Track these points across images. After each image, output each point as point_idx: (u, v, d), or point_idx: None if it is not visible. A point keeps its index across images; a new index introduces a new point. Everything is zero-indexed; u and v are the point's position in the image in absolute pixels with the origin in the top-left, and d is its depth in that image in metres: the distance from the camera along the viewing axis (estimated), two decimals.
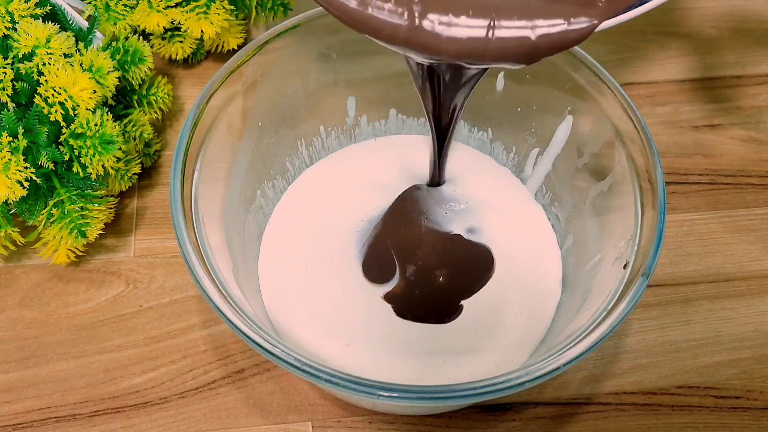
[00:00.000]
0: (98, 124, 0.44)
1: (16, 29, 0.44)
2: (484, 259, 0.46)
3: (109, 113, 0.45)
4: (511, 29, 0.30)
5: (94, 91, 0.43)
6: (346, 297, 0.45)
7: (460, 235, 0.47)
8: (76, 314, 0.47)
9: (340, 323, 0.43)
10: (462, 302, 0.44)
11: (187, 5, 0.54)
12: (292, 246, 0.47)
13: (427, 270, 0.45)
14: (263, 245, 0.47)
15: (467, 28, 0.30)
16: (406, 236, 0.47)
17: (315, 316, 0.44)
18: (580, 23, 0.29)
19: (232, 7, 0.55)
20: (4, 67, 0.43)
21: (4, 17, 0.44)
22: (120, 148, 0.45)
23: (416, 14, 0.30)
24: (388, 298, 0.44)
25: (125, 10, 0.53)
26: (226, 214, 0.43)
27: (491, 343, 0.43)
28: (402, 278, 0.45)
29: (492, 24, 0.30)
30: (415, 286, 0.45)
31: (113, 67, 0.46)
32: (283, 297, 0.44)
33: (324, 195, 0.49)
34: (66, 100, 0.42)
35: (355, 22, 0.31)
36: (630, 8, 0.29)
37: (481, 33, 0.30)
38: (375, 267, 0.45)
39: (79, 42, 0.48)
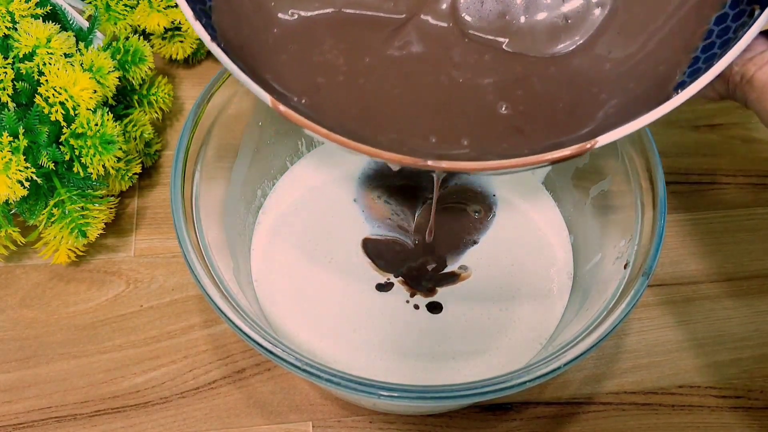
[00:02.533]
0: (99, 124, 0.44)
1: (16, 29, 0.44)
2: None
3: (109, 113, 0.45)
4: (523, 159, 0.32)
5: (95, 91, 0.43)
6: (347, 298, 0.45)
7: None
8: (77, 314, 0.47)
9: (342, 325, 0.43)
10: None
11: None
12: (284, 244, 0.47)
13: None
14: (255, 240, 0.47)
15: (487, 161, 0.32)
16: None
17: (312, 317, 0.44)
18: (579, 147, 0.31)
19: None
20: (5, 67, 0.43)
21: (5, 17, 0.44)
22: (120, 148, 0.45)
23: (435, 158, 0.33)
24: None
25: (126, 10, 0.53)
26: (227, 214, 0.43)
27: (499, 344, 0.43)
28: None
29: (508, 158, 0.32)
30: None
31: (114, 67, 0.46)
32: (278, 299, 0.44)
33: (315, 187, 0.49)
34: (66, 100, 0.42)
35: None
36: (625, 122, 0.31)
37: (498, 165, 0.32)
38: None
39: (80, 42, 0.48)
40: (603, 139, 0.30)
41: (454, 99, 0.36)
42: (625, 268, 0.38)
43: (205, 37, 0.32)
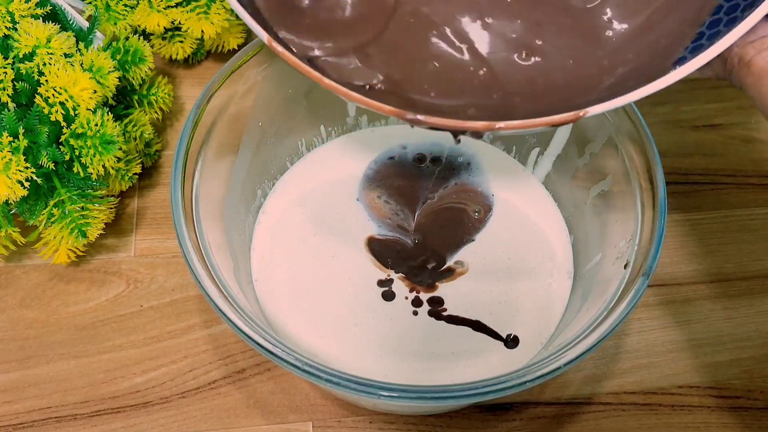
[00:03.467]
0: (99, 124, 0.44)
1: (16, 29, 0.44)
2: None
3: (109, 113, 0.45)
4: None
5: (95, 91, 0.43)
6: (347, 297, 0.45)
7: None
8: (77, 314, 0.47)
9: (343, 322, 0.43)
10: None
11: (187, 5, 0.54)
12: (284, 244, 0.47)
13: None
14: (255, 240, 0.47)
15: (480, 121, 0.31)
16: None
17: (312, 316, 0.44)
18: (571, 115, 0.31)
19: None
20: (5, 67, 0.43)
21: (5, 17, 0.44)
22: (120, 148, 0.45)
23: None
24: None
25: (126, 10, 0.53)
26: (227, 214, 0.43)
27: (499, 344, 0.43)
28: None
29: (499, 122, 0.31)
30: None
31: (114, 67, 0.46)
32: (278, 299, 0.44)
33: (316, 187, 0.49)
34: (66, 100, 0.42)
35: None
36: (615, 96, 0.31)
37: (485, 126, 0.31)
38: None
39: (80, 42, 0.48)
40: (593, 110, 0.30)
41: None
42: (625, 268, 0.38)
43: None
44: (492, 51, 0.35)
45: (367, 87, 0.33)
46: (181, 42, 0.56)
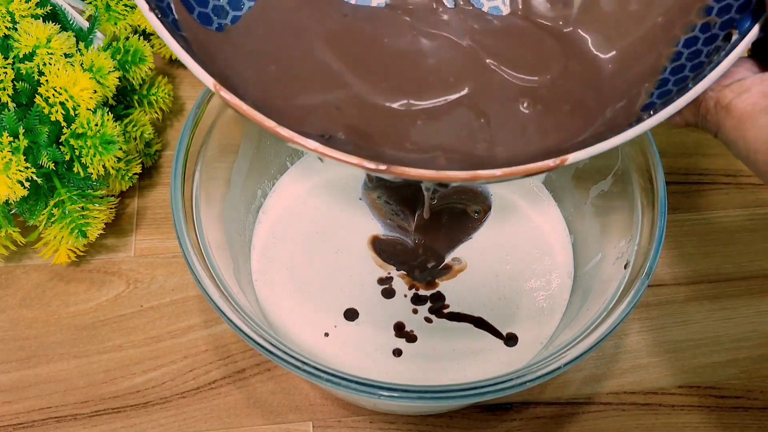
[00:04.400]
0: (99, 124, 0.44)
1: (16, 29, 0.44)
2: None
3: (109, 113, 0.45)
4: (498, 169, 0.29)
5: (95, 91, 0.43)
6: (348, 296, 0.45)
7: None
8: (77, 314, 0.47)
9: (342, 323, 0.44)
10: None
11: None
12: (284, 244, 0.47)
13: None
14: (255, 239, 0.47)
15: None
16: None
17: (312, 316, 0.44)
18: (545, 163, 0.29)
19: None
20: (5, 67, 0.43)
21: (5, 17, 0.44)
22: (120, 148, 0.45)
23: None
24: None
25: (126, 10, 0.53)
26: (227, 214, 0.43)
27: (499, 344, 0.43)
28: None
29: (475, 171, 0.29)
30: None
31: (114, 67, 0.46)
32: (278, 299, 0.44)
33: (316, 187, 0.49)
34: (67, 100, 0.42)
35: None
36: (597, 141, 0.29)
37: (467, 175, 0.29)
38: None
39: (80, 42, 0.48)
40: (572, 157, 0.29)
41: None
42: (625, 268, 0.38)
43: (143, 5, 0.29)
44: (494, 100, 0.33)
45: (328, 137, 0.31)
46: None
